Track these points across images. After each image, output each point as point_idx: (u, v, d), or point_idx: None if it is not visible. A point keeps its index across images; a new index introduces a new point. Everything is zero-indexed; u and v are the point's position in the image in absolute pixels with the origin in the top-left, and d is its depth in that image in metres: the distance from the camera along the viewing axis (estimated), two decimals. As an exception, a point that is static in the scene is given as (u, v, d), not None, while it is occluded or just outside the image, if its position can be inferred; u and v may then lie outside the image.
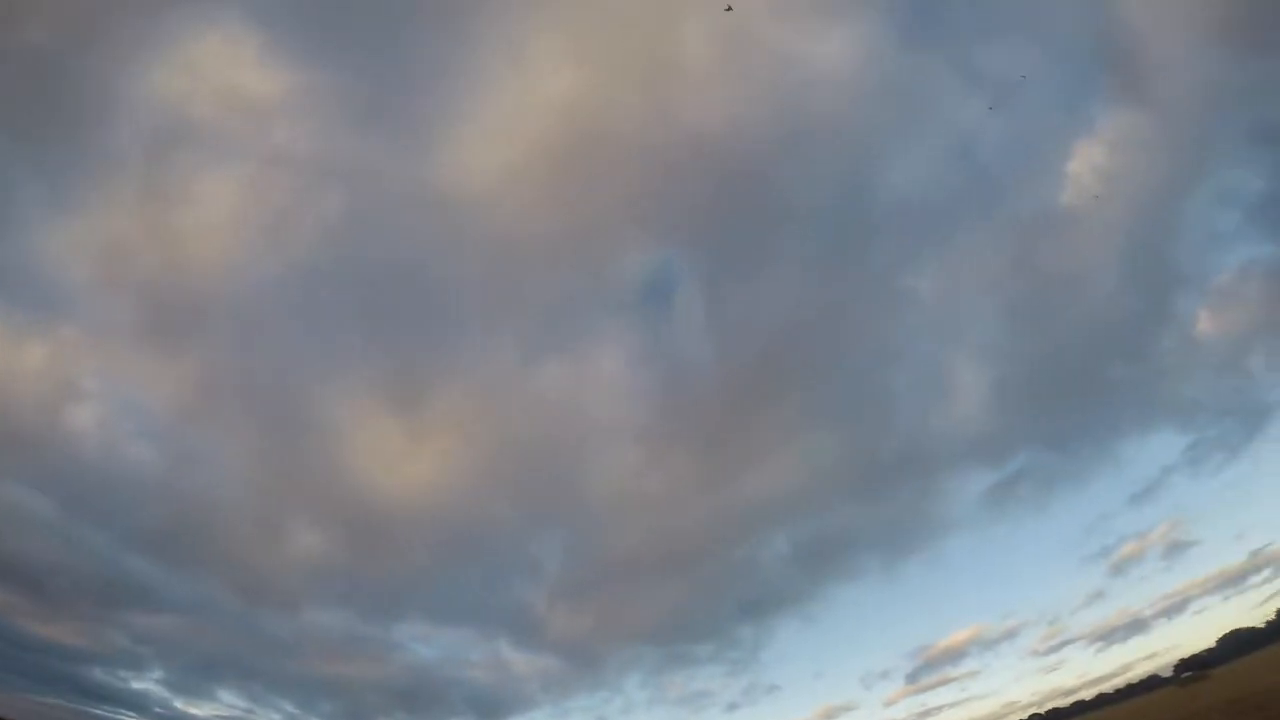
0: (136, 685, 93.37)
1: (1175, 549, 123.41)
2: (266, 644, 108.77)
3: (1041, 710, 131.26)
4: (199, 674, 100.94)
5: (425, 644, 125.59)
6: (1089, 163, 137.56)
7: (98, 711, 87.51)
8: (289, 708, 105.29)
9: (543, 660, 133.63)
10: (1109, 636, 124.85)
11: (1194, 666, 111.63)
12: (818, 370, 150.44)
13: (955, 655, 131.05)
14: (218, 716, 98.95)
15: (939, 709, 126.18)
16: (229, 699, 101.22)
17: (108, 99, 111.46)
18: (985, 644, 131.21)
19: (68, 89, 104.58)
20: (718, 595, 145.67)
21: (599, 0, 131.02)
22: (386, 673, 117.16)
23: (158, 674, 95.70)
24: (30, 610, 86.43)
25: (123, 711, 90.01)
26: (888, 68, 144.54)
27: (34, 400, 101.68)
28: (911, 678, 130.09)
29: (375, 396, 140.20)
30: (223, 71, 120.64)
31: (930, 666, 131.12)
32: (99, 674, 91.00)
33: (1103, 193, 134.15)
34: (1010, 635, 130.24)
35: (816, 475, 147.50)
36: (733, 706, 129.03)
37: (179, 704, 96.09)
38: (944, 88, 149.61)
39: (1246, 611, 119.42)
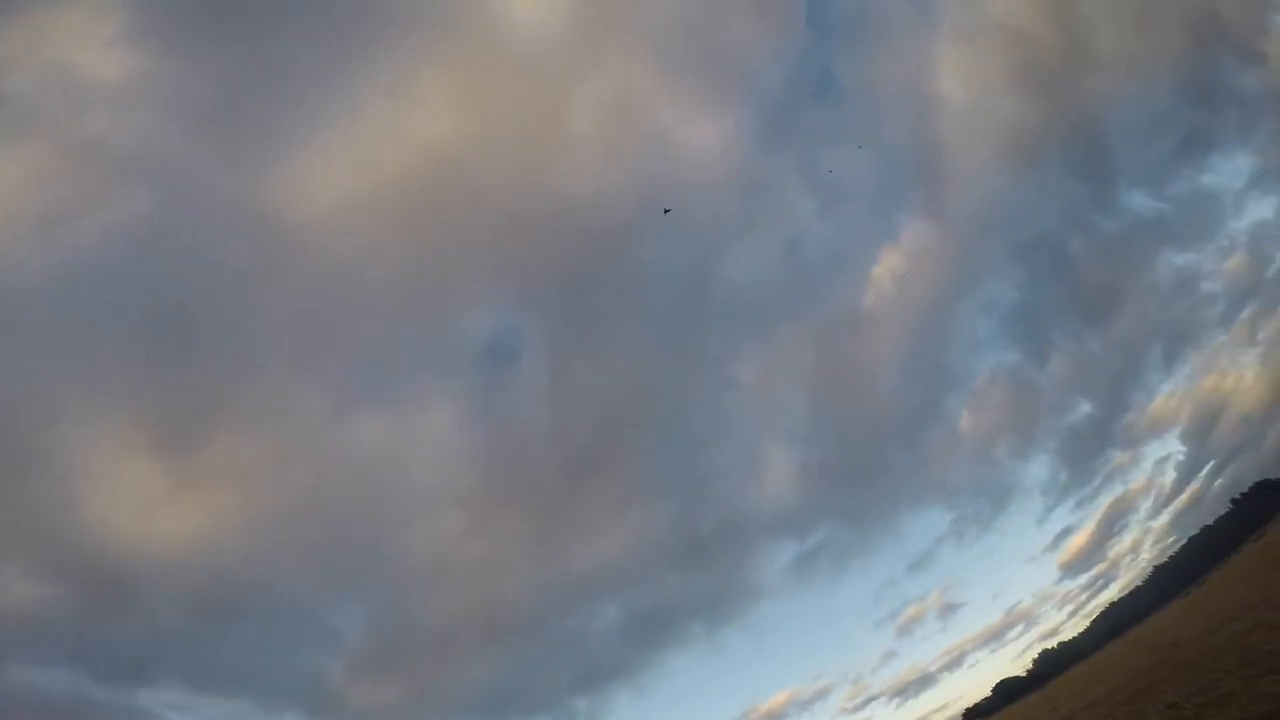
0: None
1: (948, 610, 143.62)
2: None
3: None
4: None
5: (184, 713, 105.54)
6: (890, 268, 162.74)
7: None
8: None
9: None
10: (905, 691, 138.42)
11: (976, 715, 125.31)
12: (647, 445, 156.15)
13: (776, 719, 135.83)
14: None
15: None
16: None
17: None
18: (801, 705, 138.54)
19: None
20: (551, 666, 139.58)
21: (497, 55, 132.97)
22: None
23: None
24: None
25: None
26: (743, 162, 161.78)
27: None
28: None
29: (138, 433, 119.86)
30: (59, 46, 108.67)
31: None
32: None
33: (896, 298, 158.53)
34: (822, 695, 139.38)
35: (644, 546, 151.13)
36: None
37: None
38: (785, 187, 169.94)
39: (1009, 662, 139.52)
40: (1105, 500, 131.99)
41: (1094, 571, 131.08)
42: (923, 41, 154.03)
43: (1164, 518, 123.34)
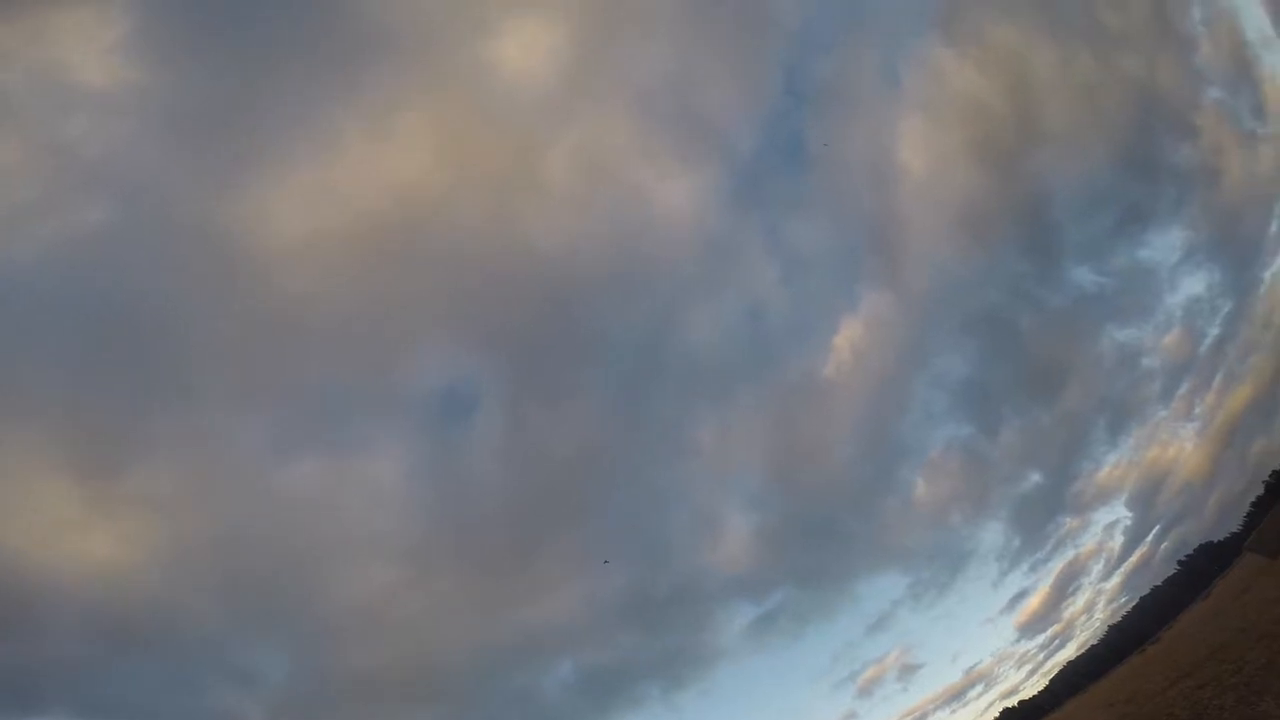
0: None
1: (907, 671, 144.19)
2: None
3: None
4: None
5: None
6: (849, 338, 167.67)
7: None
8: None
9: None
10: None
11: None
12: (603, 505, 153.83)
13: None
14: None
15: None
16: None
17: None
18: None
19: None
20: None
21: (477, 103, 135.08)
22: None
23: None
24: None
25: None
26: (711, 225, 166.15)
27: None
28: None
29: (55, 449, 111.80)
30: (56, 47, 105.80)
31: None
32: None
33: (854, 368, 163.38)
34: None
35: (598, 606, 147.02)
36: None
37: None
38: (750, 252, 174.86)
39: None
40: (1058, 564, 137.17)
41: (1050, 632, 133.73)
42: (889, 111, 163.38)
43: (1115, 579, 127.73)
